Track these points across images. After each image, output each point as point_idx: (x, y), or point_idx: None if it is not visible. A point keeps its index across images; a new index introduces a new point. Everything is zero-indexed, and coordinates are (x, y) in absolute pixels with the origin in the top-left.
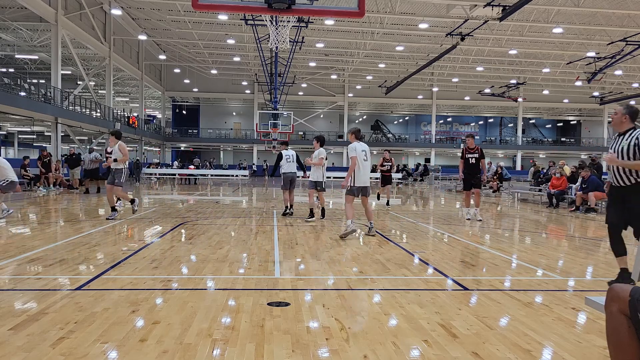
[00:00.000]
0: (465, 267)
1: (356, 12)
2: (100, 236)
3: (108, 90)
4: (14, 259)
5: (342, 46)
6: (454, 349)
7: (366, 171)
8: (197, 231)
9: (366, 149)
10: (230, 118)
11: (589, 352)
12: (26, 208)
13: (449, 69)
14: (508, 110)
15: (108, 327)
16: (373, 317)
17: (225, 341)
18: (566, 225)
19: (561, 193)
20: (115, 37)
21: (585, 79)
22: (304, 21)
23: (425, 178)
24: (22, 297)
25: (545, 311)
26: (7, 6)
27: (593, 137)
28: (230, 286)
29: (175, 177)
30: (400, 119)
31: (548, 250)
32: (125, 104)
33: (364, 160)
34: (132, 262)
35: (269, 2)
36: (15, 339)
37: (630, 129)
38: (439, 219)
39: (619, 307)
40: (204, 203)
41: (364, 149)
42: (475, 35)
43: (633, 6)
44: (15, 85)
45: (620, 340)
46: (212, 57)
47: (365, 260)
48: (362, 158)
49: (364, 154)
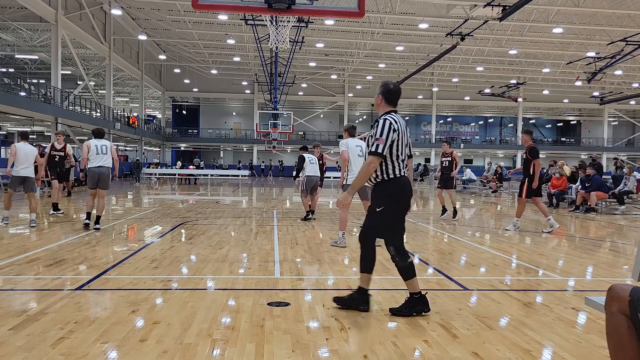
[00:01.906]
0: (465, 267)
1: (356, 12)
2: (100, 236)
3: (108, 90)
4: (14, 259)
5: (342, 46)
6: (454, 349)
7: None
8: (197, 231)
9: (362, 145)
10: (230, 118)
11: (589, 352)
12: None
13: (449, 69)
14: (508, 110)
15: (108, 327)
16: (373, 317)
17: (225, 341)
18: (566, 225)
19: (561, 193)
20: (115, 37)
21: (585, 79)
22: (304, 21)
23: (425, 178)
24: (22, 297)
25: (545, 311)
26: (7, 6)
27: (593, 137)
28: (230, 286)
29: (176, 177)
30: None
31: (548, 250)
32: (125, 104)
33: (358, 156)
34: (132, 262)
35: (269, 2)
36: (15, 339)
37: (385, 112)
38: (439, 219)
39: (619, 307)
40: (204, 203)
41: (358, 144)
42: (475, 35)
43: (633, 6)
44: (15, 85)
45: (620, 340)
46: (212, 57)
47: None
48: (355, 153)
49: (358, 149)
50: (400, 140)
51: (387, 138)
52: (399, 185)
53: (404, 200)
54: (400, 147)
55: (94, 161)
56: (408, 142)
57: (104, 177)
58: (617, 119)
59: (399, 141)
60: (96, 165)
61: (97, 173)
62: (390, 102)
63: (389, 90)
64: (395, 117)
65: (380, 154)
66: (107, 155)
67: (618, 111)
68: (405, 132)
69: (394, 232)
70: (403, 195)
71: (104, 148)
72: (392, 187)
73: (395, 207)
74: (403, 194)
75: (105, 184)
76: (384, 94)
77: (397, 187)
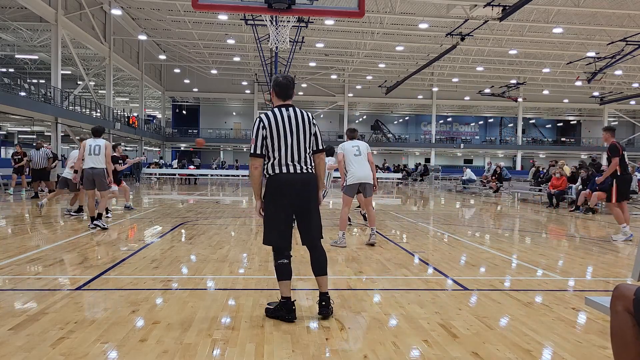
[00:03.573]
0: (465, 267)
1: (356, 12)
2: (101, 236)
3: (108, 90)
4: (14, 259)
5: (342, 46)
6: (454, 349)
7: (360, 166)
8: (197, 231)
9: (358, 145)
10: (230, 118)
11: (589, 352)
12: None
13: (449, 69)
14: (508, 110)
15: (108, 327)
16: (373, 317)
17: (225, 341)
18: (566, 225)
19: (561, 193)
20: (115, 37)
21: (585, 79)
22: (304, 21)
23: (425, 178)
24: (22, 297)
25: (545, 311)
26: (7, 6)
27: (593, 137)
28: (230, 286)
29: (176, 177)
30: (400, 119)
31: (548, 250)
32: (125, 104)
33: (354, 155)
34: (132, 262)
35: (269, 2)
36: (15, 339)
37: (272, 108)
38: (439, 219)
39: (624, 306)
40: (204, 203)
41: (355, 145)
42: (475, 35)
43: (633, 6)
44: (15, 85)
45: (624, 339)
46: (212, 57)
47: (365, 260)
48: (352, 153)
49: (354, 149)
50: (273, 136)
51: (256, 137)
52: (275, 182)
53: (280, 199)
54: (275, 143)
55: (87, 162)
56: (300, 135)
57: (98, 178)
58: (617, 119)
59: (273, 137)
60: (89, 166)
61: (91, 174)
62: (280, 96)
63: (278, 83)
64: (273, 112)
65: (253, 154)
66: (100, 155)
67: (618, 111)
68: (288, 125)
69: (270, 230)
70: (279, 194)
71: (96, 148)
72: (268, 185)
73: (272, 207)
74: (279, 192)
75: (101, 185)
76: (274, 87)
77: (273, 184)
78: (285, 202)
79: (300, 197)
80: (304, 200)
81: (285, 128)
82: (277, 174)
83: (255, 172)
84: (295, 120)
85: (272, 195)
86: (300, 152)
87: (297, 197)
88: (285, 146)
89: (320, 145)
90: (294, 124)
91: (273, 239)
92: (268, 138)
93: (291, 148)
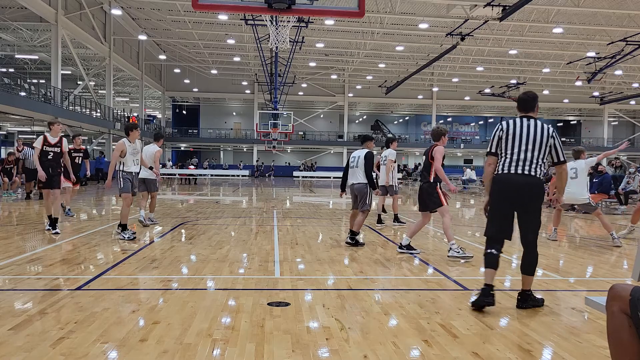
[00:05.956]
0: (465, 267)
1: (356, 12)
2: (100, 236)
3: (108, 90)
4: (14, 259)
5: (342, 46)
6: (454, 349)
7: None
8: (197, 231)
9: (356, 155)
10: (230, 118)
11: (589, 352)
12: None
13: (449, 69)
14: (508, 110)
15: (108, 327)
16: (373, 317)
17: (225, 341)
18: (566, 225)
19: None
20: (115, 37)
21: (585, 79)
22: (304, 21)
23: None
24: (22, 297)
25: (545, 311)
26: (7, 6)
27: (593, 137)
28: (230, 286)
29: (175, 177)
30: (400, 119)
31: (548, 250)
32: (125, 104)
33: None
34: (132, 262)
35: (269, 2)
36: (15, 339)
37: None
38: (439, 219)
39: (620, 307)
40: (204, 203)
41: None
42: (475, 35)
43: (633, 6)
44: (15, 85)
45: (620, 340)
46: (212, 57)
47: (365, 260)
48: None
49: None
50: (508, 139)
51: (492, 137)
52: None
53: (502, 196)
54: (509, 145)
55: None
56: (535, 144)
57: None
58: (617, 119)
59: (507, 140)
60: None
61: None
62: (521, 109)
63: (518, 98)
64: (514, 120)
65: (488, 152)
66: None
67: (618, 111)
68: (525, 133)
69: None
70: (502, 192)
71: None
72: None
73: (495, 202)
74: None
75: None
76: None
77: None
78: (507, 200)
79: (522, 197)
80: (524, 200)
81: (522, 135)
82: (504, 174)
83: (489, 169)
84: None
85: (496, 192)
86: (530, 158)
87: (518, 197)
88: (519, 150)
89: (561, 157)
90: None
91: (489, 230)
92: (503, 140)
93: (524, 153)
